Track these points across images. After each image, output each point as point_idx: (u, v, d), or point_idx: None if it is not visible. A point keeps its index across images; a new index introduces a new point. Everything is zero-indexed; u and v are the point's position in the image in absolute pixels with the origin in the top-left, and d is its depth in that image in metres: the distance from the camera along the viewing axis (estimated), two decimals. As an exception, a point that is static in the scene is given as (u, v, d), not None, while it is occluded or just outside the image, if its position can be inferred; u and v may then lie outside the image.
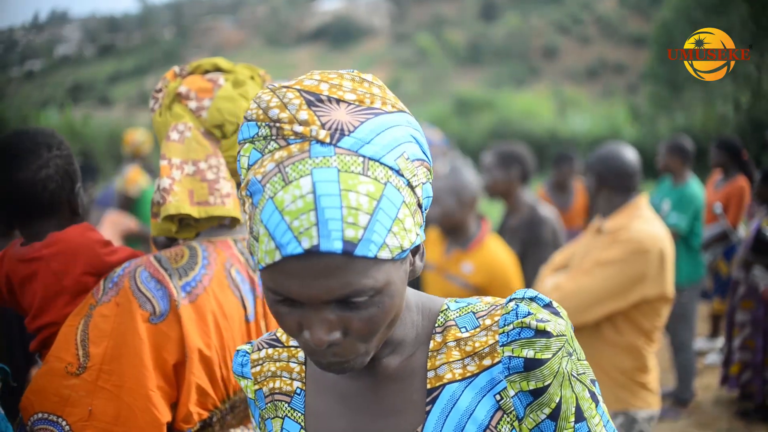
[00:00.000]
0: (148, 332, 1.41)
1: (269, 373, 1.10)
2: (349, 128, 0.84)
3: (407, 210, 0.87)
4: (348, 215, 0.80)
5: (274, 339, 1.13)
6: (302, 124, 0.84)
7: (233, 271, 1.55)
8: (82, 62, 42.45)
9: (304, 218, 0.79)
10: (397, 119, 0.89)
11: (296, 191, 0.80)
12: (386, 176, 0.84)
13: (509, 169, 4.22)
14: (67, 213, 1.63)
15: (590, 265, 2.79)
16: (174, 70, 1.65)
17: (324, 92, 0.87)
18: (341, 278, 0.81)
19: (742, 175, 5.58)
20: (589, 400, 0.97)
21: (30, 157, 1.55)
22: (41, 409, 1.40)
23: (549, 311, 0.95)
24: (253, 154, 0.88)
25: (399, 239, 0.85)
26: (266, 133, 0.86)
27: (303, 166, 0.82)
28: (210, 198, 1.49)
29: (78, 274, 1.51)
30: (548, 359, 0.92)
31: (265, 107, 0.87)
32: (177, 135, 1.52)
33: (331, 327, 0.85)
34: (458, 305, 1.02)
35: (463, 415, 0.95)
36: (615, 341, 2.80)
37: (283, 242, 0.80)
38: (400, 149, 0.87)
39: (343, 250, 0.80)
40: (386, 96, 0.92)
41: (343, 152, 0.83)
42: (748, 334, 4.77)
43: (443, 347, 0.99)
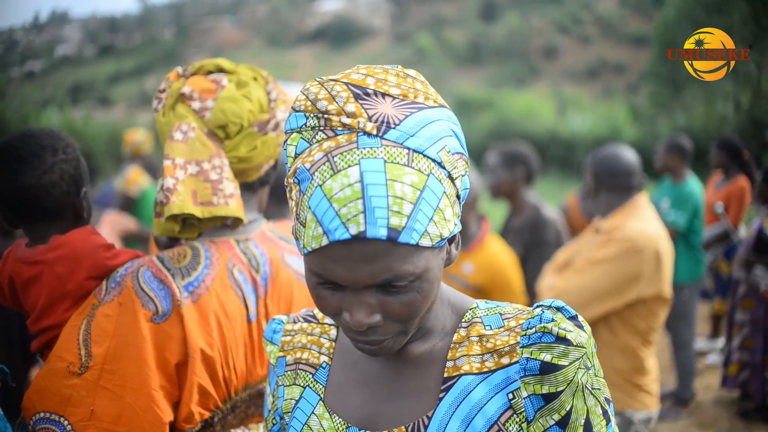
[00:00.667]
0: (151, 332, 1.41)
1: (299, 344, 1.16)
2: (394, 121, 0.88)
3: (447, 201, 0.91)
4: (393, 204, 0.84)
5: (310, 315, 1.20)
6: (350, 116, 0.88)
7: (235, 272, 1.56)
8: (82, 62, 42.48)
9: (352, 206, 0.83)
10: (438, 114, 0.93)
11: (345, 180, 0.84)
12: (429, 168, 0.88)
13: (514, 170, 4.21)
14: (72, 217, 1.62)
15: (583, 263, 2.79)
16: (177, 70, 1.65)
17: (370, 86, 0.91)
18: (384, 263, 0.86)
19: (742, 175, 5.58)
20: (600, 416, 0.98)
21: (35, 162, 1.54)
22: (43, 408, 1.40)
23: (573, 323, 0.98)
24: (300, 143, 0.91)
25: (439, 228, 0.89)
26: (314, 123, 0.90)
27: (351, 156, 0.85)
28: (213, 198, 1.49)
29: (82, 279, 1.52)
30: (564, 366, 0.94)
31: (313, 99, 0.91)
32: (181, 135, 1.52)
33: (371, 310, 0.90)
34: (487, 306, 1.06)
35: (474, 407, 0.97)
36: (610, 342, 2.80)
37: (330, 228, 0.84)
38: (441, 142, 0.91)
39: (388, 236, 0.84)
40: (428, 91, 0.96)
41: (389, 144, 0.87)
42: (748, 333, 4.77)
43: (466, 341, 1.02)
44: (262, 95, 1.62)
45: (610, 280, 2.72)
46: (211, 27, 64.51)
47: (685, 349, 5.11)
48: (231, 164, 1.57)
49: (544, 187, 14.76)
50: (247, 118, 1.56)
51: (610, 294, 2.73)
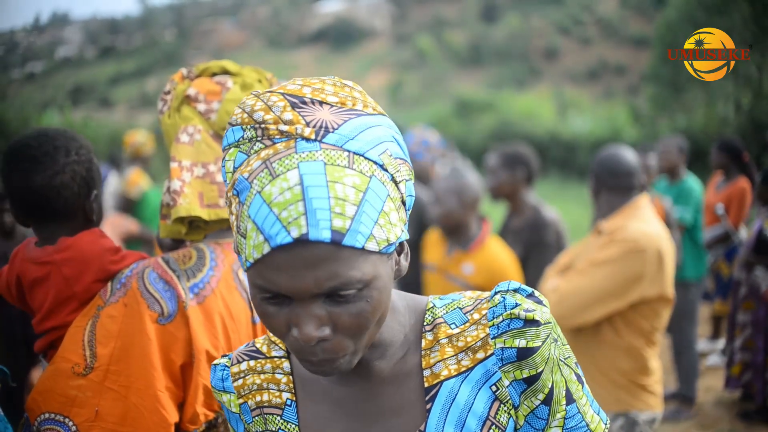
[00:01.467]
0: (156, 333, 1.42)
1: (254, 386, 1.08)
2: (333, 126, 0.87)
3: (392, 204, 0.89)
4: (335, 205, 0.81)
5: (253, 350, 1.11)
6: (287, 124, 0.86)
7: (240, 273, 1.56)
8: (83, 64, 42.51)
9: (293, 209, 0.80)
10: (378, 120, 0.92)
11: (284, 183, 0.81)
12: (371, 170, 0.86)
13: (514, 171, 4.21)
14: (82, 219, 1.62)
15: (586, 265, 2.79)
16: (182, 72, 1.65)
17: (307, 95, 0.89)
18: (329, 269, 0.82)
19: (743, 176, 5.58)
20: (576, 382, 1.00)
21: (47, 162, 1.54)
22: (48, 409, 1.40)
23: (533, 300, 0.98)
24: (238, 156, 0.89)
25: (385, 232, 0.86)
26: (252, 135, 0.88)
27: (289, 160, 0.83)
28: (220, 200, 1.49)
29: (89, 282, 1.52)
30: (539, 347, 0.95)
31: (249, 111, 0.89)
32: (187, 137, 1.52)
33: (320, 322, 0.85)
34: (443, 302, 1.04)
35: (463, 409, 0.96)
36: (614, 343, 2.80)
37: (272, 233, 0.81)
38: (382, 146, 0.89)
39: (332, 239, 0.81)
40: (367, 100, 0.94)
41: (329, 147, 0.85)
42: (749, 334, 4.77)
43: (436, 345, 1.00)
44: None
45: (612, 281, 2.72)
46: (212, 28, 64.56)
47: (690, 349, 5.10)
48: None
49: (545, 188, 14.76)
50: None
51: (613, 295, 2.73)
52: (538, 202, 4.27)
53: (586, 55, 48.28)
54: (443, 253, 3.61)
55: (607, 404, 2.78)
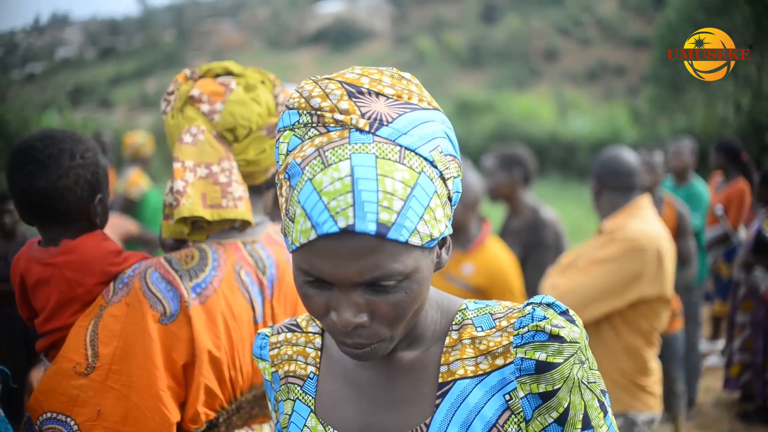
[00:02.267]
0: (159, 332, 1.42)
1: (285, 356, 1.13)
2: (387, 119, 0.88)
3: (438, 200, 0.90)
4: (383, 199, 0.83)
5: (294, 324, 1.16)
6: (343, 113, 0.88)
7: (242, 273, 1.56)
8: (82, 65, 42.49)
9: (342, 199, 0.82)
10: (432, 116, 0.93)
11: (335, 173, 0.83)
12: (421, 166, 0.88)
13: (511, 172, 4.22)
14: (86, 222, 1.62)
15: (586, 263, 2.79)
16: (185, 72, 1.65)
17: (365, 85, 0.91)
18: (372, 260, 0.84)
19: (742, 177, 5.59)
20: (597, 409, 0.98)
21: (51, 165, 1.54)
22: (50, 408, 1.40)
23: (565, 318, 0.97)
24: (292, 140, 0.91)
25: (429, 227, 0.88)
26: (307, 120, 0.90)
27: (342, 150, 0.85)
28: (223, 201, 1.50)
29: (91, 285, 1.52)
30: (559, 364, 0.94)
31: (307, 96, 0.90)
32: (190, 138, 1.53)
33: (358, 309, 0.88)
34: (477, 306, 1.05)
35: (472, 411, 0.96)
36: (614, 343, 2.80)
37: (319, 221, 0.83)
38: (434, 143, 0.90)
39: (377, 232, 0.82)
40: (423, 94, 0.95)
41: (381, 140, 0.86)
42: (749, 335, 4.77)
43: (458, 344, 1.01)
44: (269, 99, 1.62)
45: (612, 280, 2.73)
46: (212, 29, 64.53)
47: (694, 351, 5.10)
48: (239, 167, 1.57)
49: (545, 188, 14.78)
50: (256, 122, 1.57)
51: (612, 294, 2.73)
52: (536, 203, 4.28)
53: (586, 55, 48.26)
54: (443, 253, 3.61)
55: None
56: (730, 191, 5.59)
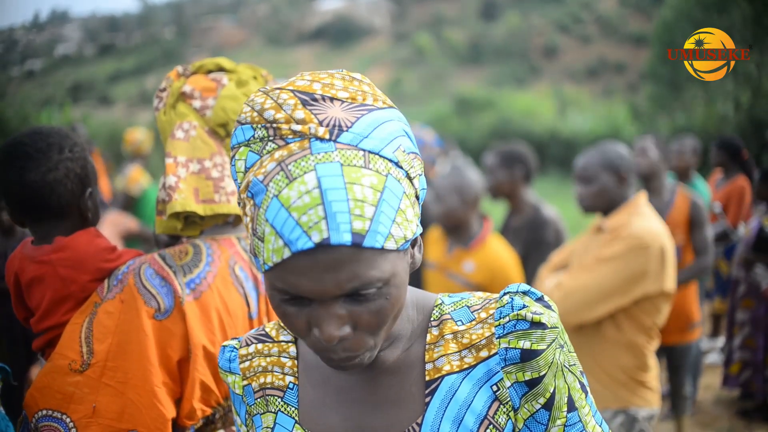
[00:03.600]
0: (153, 328, 1.42)
1: (259, 368, 1.09)
2: (346, 124, 0.86)
3: (408, 201, 0.89)
4: (355, 207, 0.81)
5: (262, 334, 1.13)
6: (300, 123, 0.85)
7: (237, 269, 1.56)
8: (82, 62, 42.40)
9: (312, 213, 0.80)
10: (389, 114, 0.91)
11: (302, 187, 0.81)
12: (387, 168, 0.86)
13: (512, 169, 4.22)
14: (77, 218, 1.62)
15: (591, 261, 2.79)
16: (177, 69, 1.66)
17: (317, 91, 0.88)
18: (350, 271, 0.82)
19: (742, 174, 5.59)
20: (579, 390, 1.00)
21: (40, 159, 1.54)
22: (45, 406, 1.40)
23: (541, 304, 0.97)
24: (250, 156, 0.88)
25: (402, 230, 0.87)
26: (263, 134, 0.87)
27: (305, 162, 0.82)
28: (215, 196, 1.50)
29: (85, 282, 1.52)
30: (543, 350, 0.95)
31: (259, 109, 0.88)
32: (182, 133, 1.53)
33: (341, 322, 0.86)
34: (452, 300, 1.04)
35: (462, 405, 0.96)
36: (616, 339, 2.80)
37: (292, 239, 0.80)
38: (396, 142, 0.89)
39: (352, 242, 0.81)
40: (376, 93, 0.93)
41: (344, 147, 0.84)
42: (748, 332, 4.77)
43: (440, 340, 1.00)
44: None
45: (618, 278, 2.73)
46: (211, 26, 64.44)
47: (695, 349, 5.10)
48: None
49: (545, 186, 14.78)
50: None
51: (618, 291, 2.73)
52: (537, 201, 4.28)
53: (586, 53, 48.21)
54: (444, 251, 3.62)
55: (607, 401, 2.79)
56: (730, 188, 5.59)
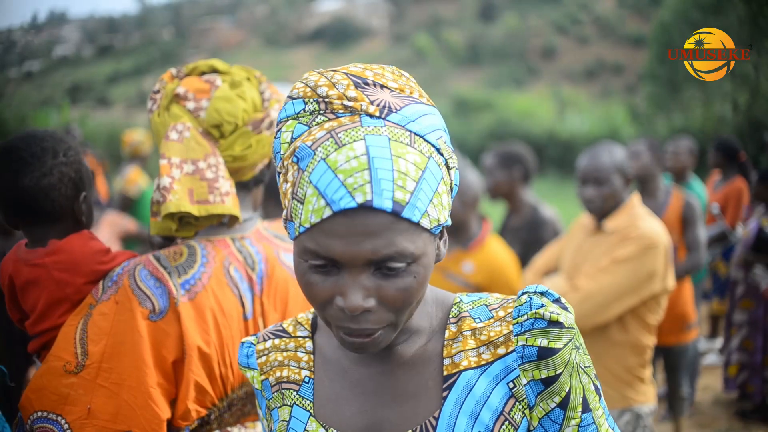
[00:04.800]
0: (148, 329, 1.42)
1: (276, 362, 1.12)
2: (395, 107, 0.90)
3: (444, 187, 0.93)
4: (398, 178, 0.85)
5: (280, 330, 1.15)
6: (351, 100, 0.89)
7: (232, 270, 1.56)
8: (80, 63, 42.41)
9: (358, 176, 0.83)
10: (433, 110, 0.96)
11: (350, 152, 0.84)
12: (429, 151, 0.90)
13: (511, 170, 4.22)
14: (71, 221, 1.61)
15: (607, 263, 2.79)
16: (171, 71, 1.66)
17: (369, 77, 0.93)
18: (386, 238, 0.85)
19: (740, 176, 5.59)
20: (593, 392, 1.01)
21: (34, 163, 1.53)
22: (41, 407, 1.40)
23: (558, 305, 0.99)
24: (298, 128, 0.91)
25: (437, 212, 0.90)
26: (314, 108, 0.91)
27: (356, 132, 0.86)
28: (210, 196, 1.50)
29: (80, 284, 1.52)
30: (560, 349, 0.96)
31: (313, 85, 0.92)
32: (176, 135, 1.53)
33: (367, 293, 0.88)
34: (470, 298, 1.06)
35: (479, 401, 0.97)
36: (621, 340, 2.81)
37: (335, 198, 0.83)
38: (438, 133, 0.94)
39: (393, 209, 0.84)
40: (422, 91, 0.98)
41: (392, 125, 0.89)
42: (746, 334, 4.76)
43: (459, 336, 1.02)
44: (255, 95, 1.63)
45: (633, 278, 2.75)
46: (210, 27, 64.48)
47: (693, 351, 5.10)
48: (226, 163, 1.57)
49: (543, 187, 14.78)
50: (242, 117, 1.57)
51: (633, 292, 2.75)
52: (536, 201, 4.28)
53: (584, 54, 48.29)
54: (442, 251, 3.61)
55: (614, 401, 2.81)
56: (727, 190, 5.60)
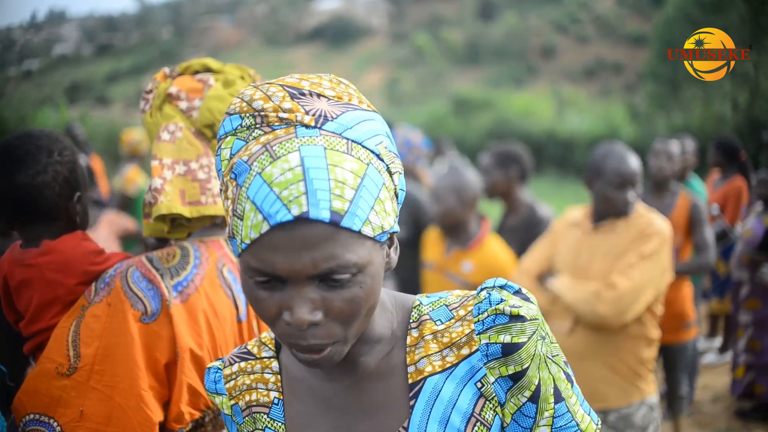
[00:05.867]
0: (140, 332, 1.41)
1: (244, 386, 1.09)
2: (332, 115, 0.89)
3: (387, 193, 0.91)
4: (335, 187, 0.83)
5: (245, 352, 1.12)
6: (286, 112, 0.88)
7: (225, 271, 1.55)
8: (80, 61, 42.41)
9: (294, 188, 0.81)
10: (373, 116, 0.94)
11: (285, 165, 0.83)
12: (368, 158, 0.88)
13: (508, 169, 4.23)
14: (65, 221, 1.61)
15: (636, 259, 2.80)
16: (164, 71, 1.65)
17: (305, 87, 0.91)
18: (326, 249, 0.83)
19: (739, 175, 5.59)
20: (564, 380, 0.99)
21: (29, 162, 1.53)
22: (33, 410, 1.39)
23: (520, 297, 0.97)
24: (236, 143, 0.90)
25: (380, 219, 0.88)
26: (250, 122, 0.89)
27: (290, 144, 0.85)
28: (202, 197, 1.48)
29: (72, 285, 1.51)
30: (524, 343, 0.94)
31: (248, 100, 0.90)
32: (168, 135, 1.52)
33: (313, 306, 0.86)
34: (430, 300, 1.04)
35: (447, 405, 0.96)
36: (638, 333, 2.83)
37: (271, 212, 0.82)
38: (378, 138, 0.92)
39: (331, 219, 0.82)
40: (361, 97, 0.96)
41: (328, 134, 0.87)
42: (752, 334, 4.75)
43: (420, 341, 1.00)
44: None
45: (655, 272, 2.79)
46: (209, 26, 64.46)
47: (693, 350, 5.10)
48: None
49: (542, 186, 14.79)
50: None
51: (653, 286, 2.79)
52: (533, 201, 4.29)
53: (584, 53, 48.29)
54: (442, 251, 3.61)
55: (632, 395, 2.84)
56: (727, 189, 5.60)
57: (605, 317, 2.73)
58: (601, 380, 2.79)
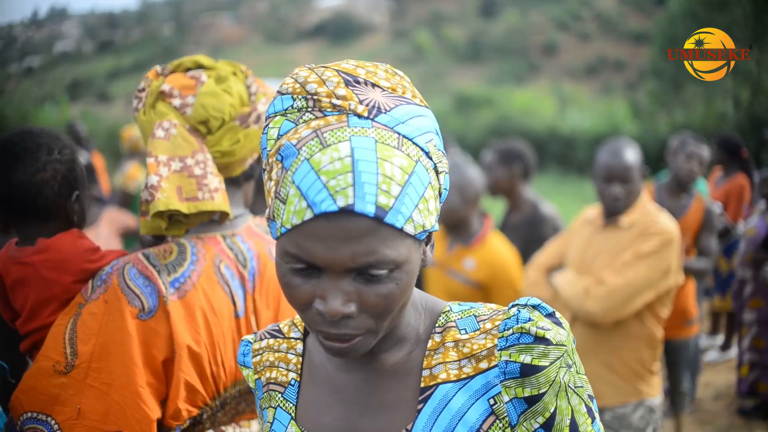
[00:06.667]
0: (137, 328, 1.40)
1: (267, 363, 1.10)
2: (385, 107, 0.87)
3: (432, 192, 0.90)
4: (383, 182, 0.82)
5: (276, 330, 1.13)
6: (340, 99, 0.87)
7: (222, 267, 1.54)
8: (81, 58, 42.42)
9: (341, 178, 0.80)
10: (425, 111, 0.93)
11: (334, 153, 0.82)
12: (417, 155, 0.87)
13: (511, 166, 4.22)
14: (63, 220, 1.60)
15: (631, 257, 2.79)
16: (156, 69, 1.64)
17: (361, 75, 0.90)
18: (367, 244, 0.82)
19: (741, 172, 5.58)
20: (585, 414, 0.95)
21: (28, 159, 1.53)
22: (30, 408, 1.39)
23: (551, 320, 0.93)
24: (285, 124, 0.89)
25: (423, 217, 0.87)
26: (302, 105, 0.88)
27: (341, 132, 0.84)
28: (198, 193, 1.47)
29: (68, 283, 1.50)
30: (545, 367, 0.91)
31: (302, 82, 0.89)
32: (162, 132, 1.51)
33: (347, 298, 0.85)
34: (461, 308, 1.02)
35: (455, 416, 0.93)
36: (638, 333, 2.82)
37: (316, 200, 0.81)
38: (429, 135, 0.90)
39: (375, 214, 0.81)
40: (414, 91, 0.95)
41: (380, 126, 0.86)
42: (756, 332, 4.74)
43: (441, 347, 0.98)
44: (242, 89, 1.60)
45: (655, 273, 2.76)
46: (210, 23, 64.46)
47: (696, 348, 5.10)
48: (214, 159, 1.55)
49: (544, 183, 14.77)
50: (228, 112, 1.55)
51: (653, 286, 2.77)
52: (536, 198, 4.28)
53: (585, 50, 48.25)
54: (444, 248, 3.61)
55: (629, 395, 2.83)
56: (729, 186, 5.59)
57: (592, 313, 2.72)
58: (597, 377, 2.77)
